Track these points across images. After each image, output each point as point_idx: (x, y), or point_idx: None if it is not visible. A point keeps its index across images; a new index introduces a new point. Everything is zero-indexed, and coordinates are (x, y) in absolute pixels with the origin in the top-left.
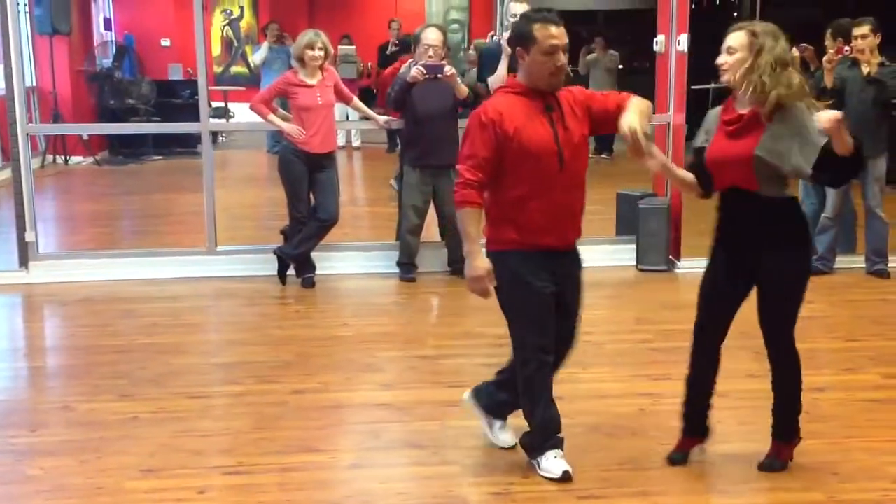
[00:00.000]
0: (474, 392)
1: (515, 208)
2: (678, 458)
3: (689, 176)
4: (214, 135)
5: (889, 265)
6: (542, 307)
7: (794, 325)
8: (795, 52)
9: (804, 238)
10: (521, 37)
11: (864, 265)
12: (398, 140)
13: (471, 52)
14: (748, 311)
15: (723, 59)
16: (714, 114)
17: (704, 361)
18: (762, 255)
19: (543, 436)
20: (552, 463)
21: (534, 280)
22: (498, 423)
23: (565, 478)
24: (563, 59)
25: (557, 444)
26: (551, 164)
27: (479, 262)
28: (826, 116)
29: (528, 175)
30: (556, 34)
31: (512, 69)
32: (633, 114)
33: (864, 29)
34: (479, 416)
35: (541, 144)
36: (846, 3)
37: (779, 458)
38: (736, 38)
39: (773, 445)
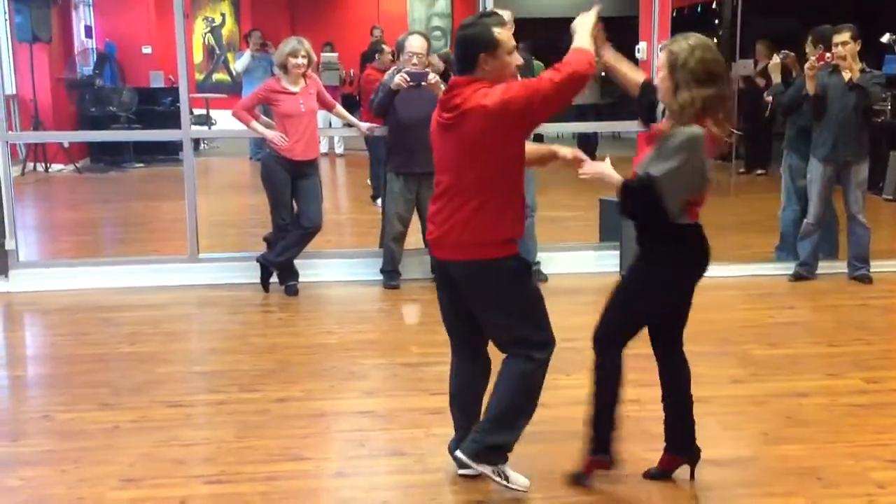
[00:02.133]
0: (464, 449)
1: (513, 205)
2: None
3: (638, 78)
4: (196, 142)
5: (871, 270)
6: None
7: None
8: (776, 58)
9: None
10: (485, 42)
11: (846, 270)
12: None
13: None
14: (731, 318)
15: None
16: None
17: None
18: None
19: (517, 431)
20: (516, 475)
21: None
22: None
23: (527, 486)
24: (518, 57)
25: None
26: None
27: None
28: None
29: (520, 173)
30: (510, 33)
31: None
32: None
33: (845, 36)
34: (485, 470)
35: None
36: (826, 10)
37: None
38: (661, 58)
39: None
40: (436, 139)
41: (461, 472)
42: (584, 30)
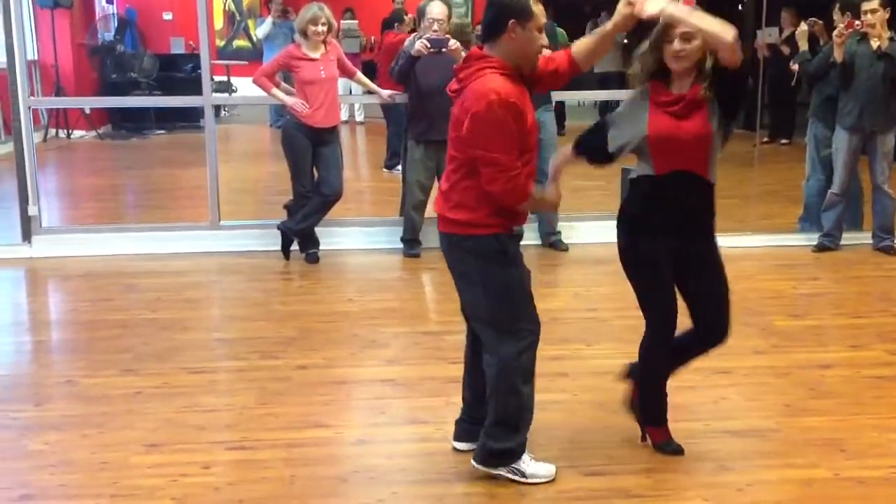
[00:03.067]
0: (475, 458)
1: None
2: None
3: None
4: (217, 109)
5: None
6: (526, 283)
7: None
8: (804, 26)
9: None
10: (518, 9)
11: (870, 241)
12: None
13: (478, 27)
14: (754, 288)
15: (680, 46)
16: (630, 103)
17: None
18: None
19: (522, 429)
20: (537, 466)
21: (518, 258)
22: (526, 458)
23: (553, 475)
24: (545, 38)
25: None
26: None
27: (550, 191)
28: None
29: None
30: (543, 12)
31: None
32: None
33: (874, 3)
34: (500, 472)
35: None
36: None
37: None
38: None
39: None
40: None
41: (456, 445)
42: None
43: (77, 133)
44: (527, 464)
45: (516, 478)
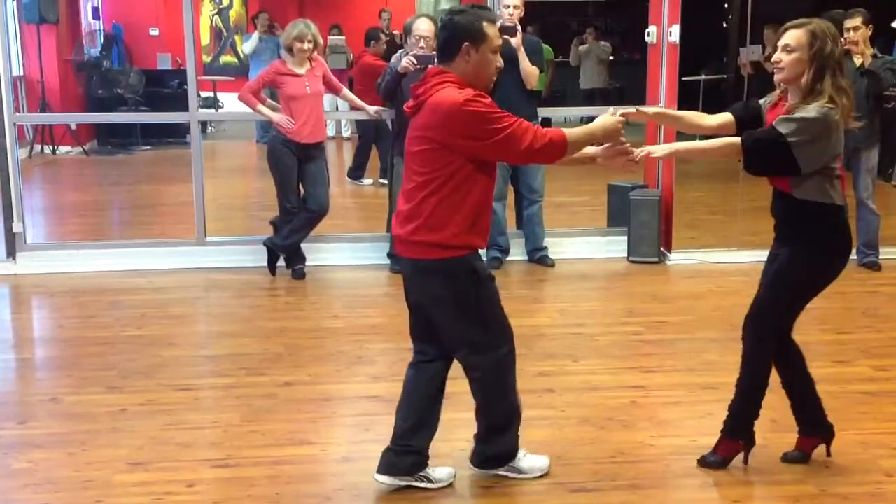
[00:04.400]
0: (473, 462)
1: (475, 211)
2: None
3: (700, 121)
4: (203, 125)
5: (880, 257)
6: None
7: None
8: None
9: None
10: (471, 32)
11: (855, 257)
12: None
13: None
14: (740, 304)
15: (778, 57)
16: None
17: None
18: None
19: (513, 430)
20: (530, 459)
21: (486, 271)
22: (521, 454)
23: (547, 467)
24: (500, 60)
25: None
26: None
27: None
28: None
29: (488, 178)
30: (499, 33)
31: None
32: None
33: (857, 21)
34: (499, 472)
35: None
36: None
37: (717, 454)
38: (794, 37)
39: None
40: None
41: (378, 478)
42: (596, 127)
43: (63, 149)
44: (522, 460)
45: (514, 475)
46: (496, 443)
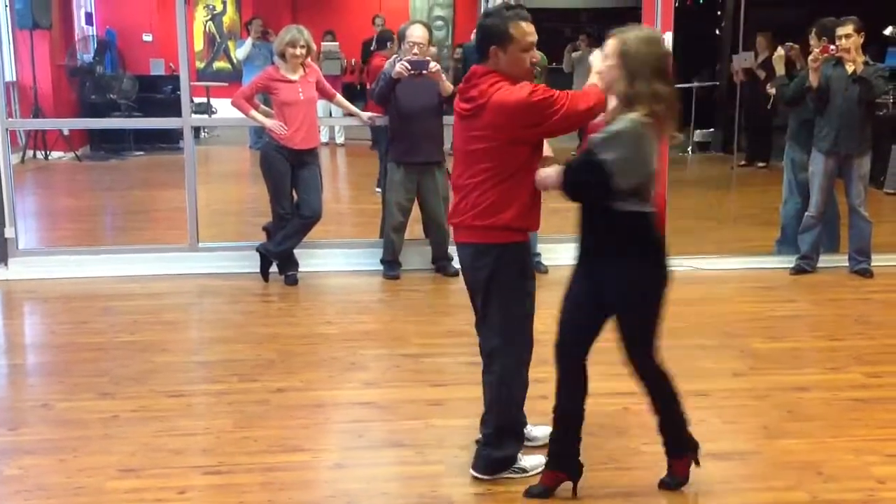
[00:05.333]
0: (475, 468)
1: (532, 194)
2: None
3: None
4: (196, 130)
5: (872, 264)
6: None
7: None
8: (781, 50)
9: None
10: (497, 35)
11: (847, 264)
12: (376, 138)
13: (457, 50)
14: (732, 311)
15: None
16: None
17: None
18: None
19: (520, 431)
20: (532, 459)
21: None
22: (519, 455)
23: (543, 462)
24: (536, 54)
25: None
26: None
27: None
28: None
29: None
30: (531, 30)
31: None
32: None
33: (848, 28)
34: (503, 475)
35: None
36: (830, 2)
37: (675, 476)
38: (608, 45)
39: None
40: (455, 128)
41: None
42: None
43: (55, 154)
44: (523, 460)
45: (519, 475)
46: (504, 446)
